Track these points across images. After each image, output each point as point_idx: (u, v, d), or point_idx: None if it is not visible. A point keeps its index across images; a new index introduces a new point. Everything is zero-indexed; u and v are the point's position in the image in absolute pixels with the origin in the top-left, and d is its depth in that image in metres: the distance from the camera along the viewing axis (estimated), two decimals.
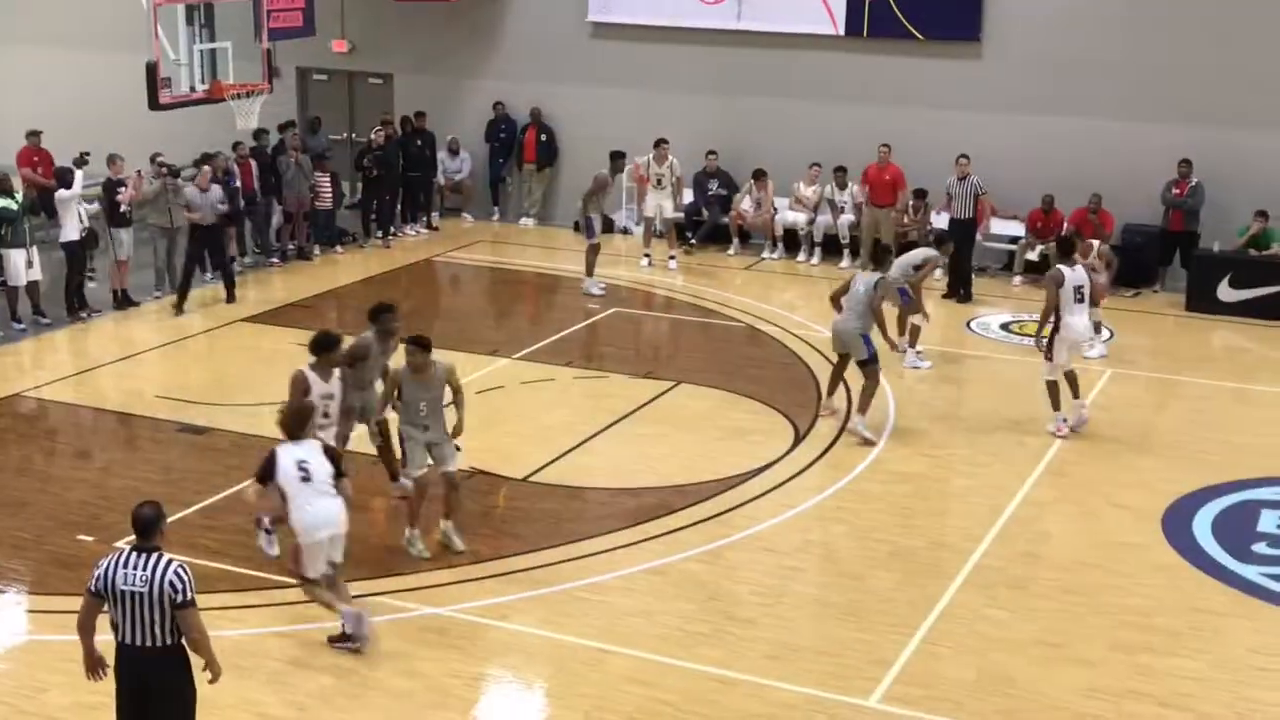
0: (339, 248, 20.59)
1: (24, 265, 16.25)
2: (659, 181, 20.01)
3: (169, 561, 7.25)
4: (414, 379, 10.72)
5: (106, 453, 13.24)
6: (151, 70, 17.08)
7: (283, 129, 20.14)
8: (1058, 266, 13.54)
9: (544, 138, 22.14)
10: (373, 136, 20.88)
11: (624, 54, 21.56)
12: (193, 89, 18.05)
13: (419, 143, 21.57)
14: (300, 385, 10.51)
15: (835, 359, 13.95)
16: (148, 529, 7.33)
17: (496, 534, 11.35)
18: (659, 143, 20.02)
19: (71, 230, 16.76)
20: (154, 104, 17.44)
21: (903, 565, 10.84)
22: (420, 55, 22.66)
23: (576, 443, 13.22)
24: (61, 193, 16.85)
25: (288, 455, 9.25)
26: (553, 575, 10.56)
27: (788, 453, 13.07)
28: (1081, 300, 13.37)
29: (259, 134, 19.24)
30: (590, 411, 14.12)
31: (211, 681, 7.44)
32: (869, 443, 13.17)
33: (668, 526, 11.40)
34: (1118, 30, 19.08)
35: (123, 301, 17.50)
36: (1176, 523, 11.67)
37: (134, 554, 7.27)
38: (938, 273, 17.08)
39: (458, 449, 10.91)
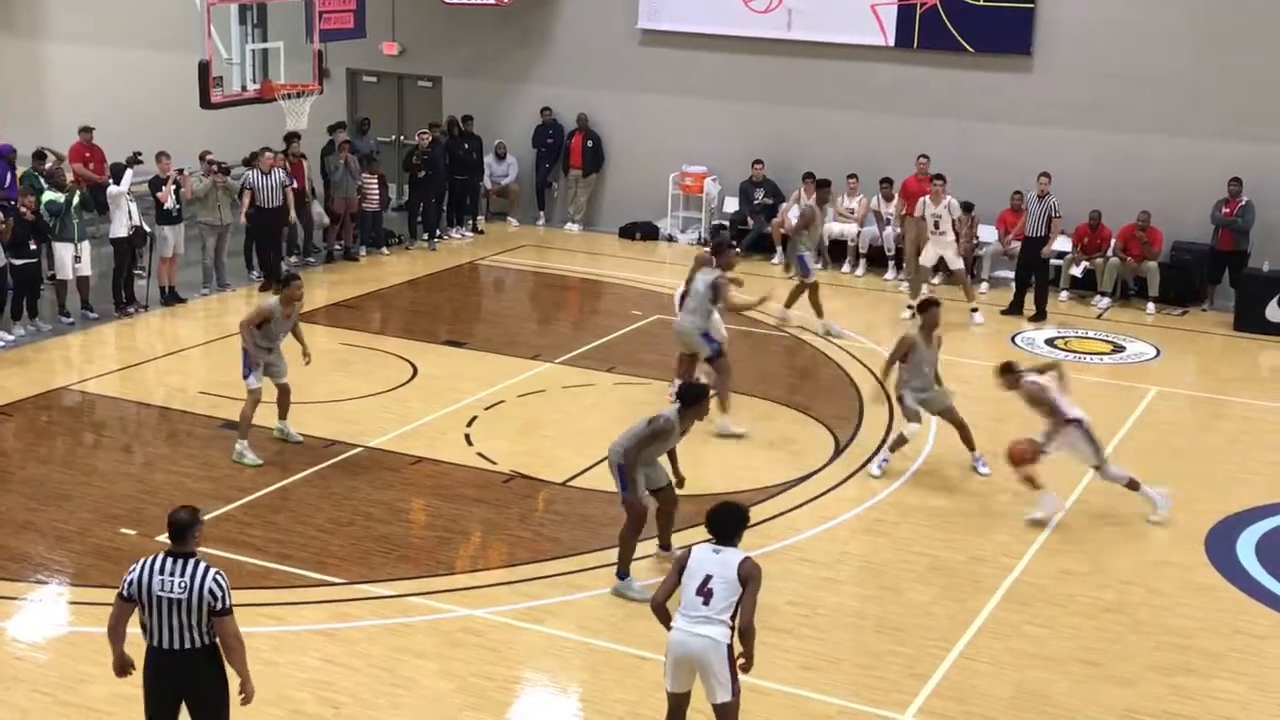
0: (385, 249, 20.70)
1: (71, 259, 16.42)
2: (936, 225, 17.62)
3: (207, 569, 7.23)
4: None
5: (150, 447, 13.35)
6: (204, 69, 17.23)
7: (332, 130, 20.28)
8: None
9: (590, 144, 22.19)
10: (420, 139, 20.99)
11: (672, 61, 21.58)
12: (244, 88, 18.20)
13: (466, 146, 21.67)
14: None
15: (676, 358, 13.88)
16: (184, 534, 7.29)
17: (535, 537, 11.38)
18: (936, 178, 17.98)
19: (120, 226, 16.93)
20: (205, 103, 17.60)
21: (941, 579, 10.79)
22: (469, 59, 22.76)
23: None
24: (111, 189, 17.03)
25: None
26: (590, 580, 10.57)
27: (828, 464, 13.04)
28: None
29: (290, 137, 19.32)
30: (630, 418, 14.05)
31: (245, 703, 7.38)
32: (737, 436, 13.19)
33: (705, 535, 11.35)
34: (1171, 46, 18.93)
35: (170, 298, 17.66)
36: (1219, 543, 11.56)
37: (169, 560, 7.23)
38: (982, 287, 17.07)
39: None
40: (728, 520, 7.84)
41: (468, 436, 13.48)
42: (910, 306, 16.92)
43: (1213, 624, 10.21)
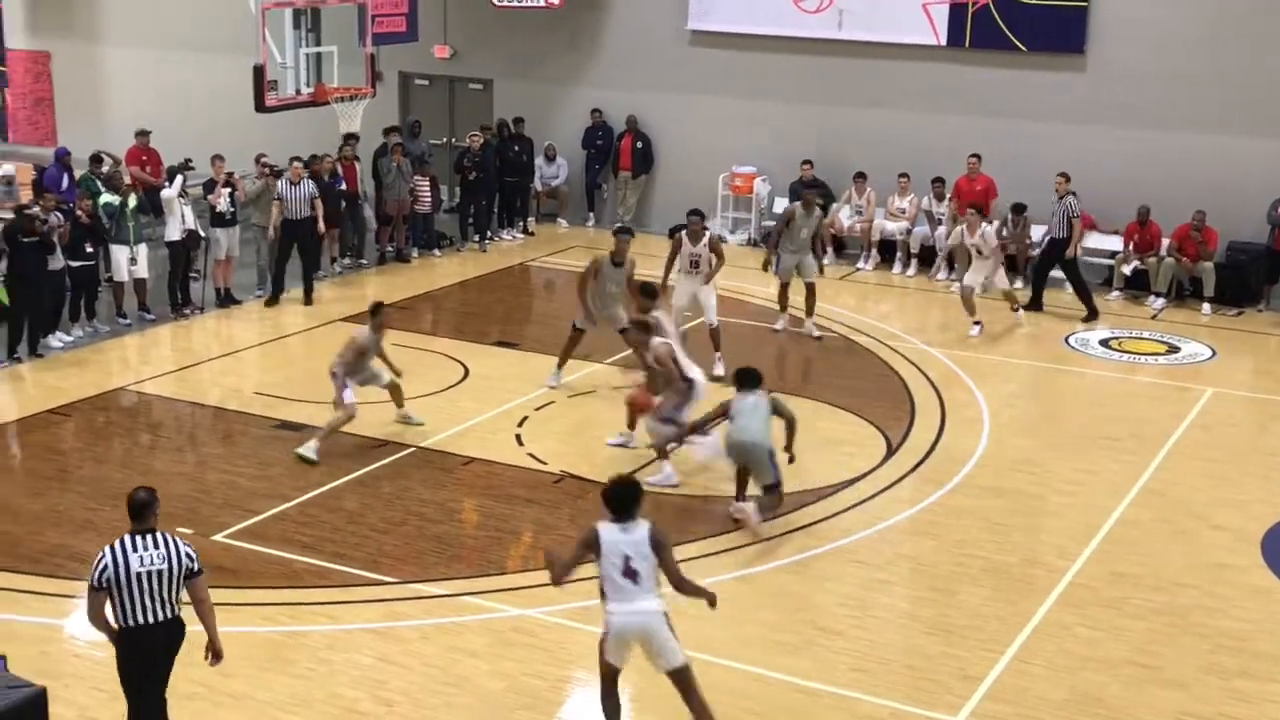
0: (436, 251, 20.82)
1: (128, 262, 16.62)
2: (979, 251, 17.09)
3: (175, 538, 7.73)
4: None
5: (206, 447, 13.50)
6: (258, 73, 17.40)
7: (386, 133, 20.42)
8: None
9: (640, 145, 22.23)
10: (470, 142, 21.09)
11: (722, 62, 21.58)
12: (298, 92, 18.37)
13: (517, 148, 21.76)
14: None
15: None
16: (145, 512, 7.72)
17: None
18: (971, 208, 17.72)
19: (174, 230, 17.11)
20: (260, 106, 17.76)
21: (994, 581, 10.74)
22: (520, 61, 22.86)
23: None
24: (164, 192, 17.22)
25: None
26: None
27: (880, 465, 13.00)
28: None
29: (349, 138, 19.49)
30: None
31: (214, 662, 7.85)
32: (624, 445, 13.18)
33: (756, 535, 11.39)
34: (1226, 45, 18.74)
35: (225, 300, 17.83)
36: (1276, 545, 11.43)
37: (138, 538, 7.64)
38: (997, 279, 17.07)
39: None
40: (627, 496, 8.00)
41: (518, 437, 13.54)
42: (978, 323, 16.91)
43: (1270, 626, 10.11)
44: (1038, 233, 18.99)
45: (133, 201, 16.72)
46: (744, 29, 21.27)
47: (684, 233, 15.51)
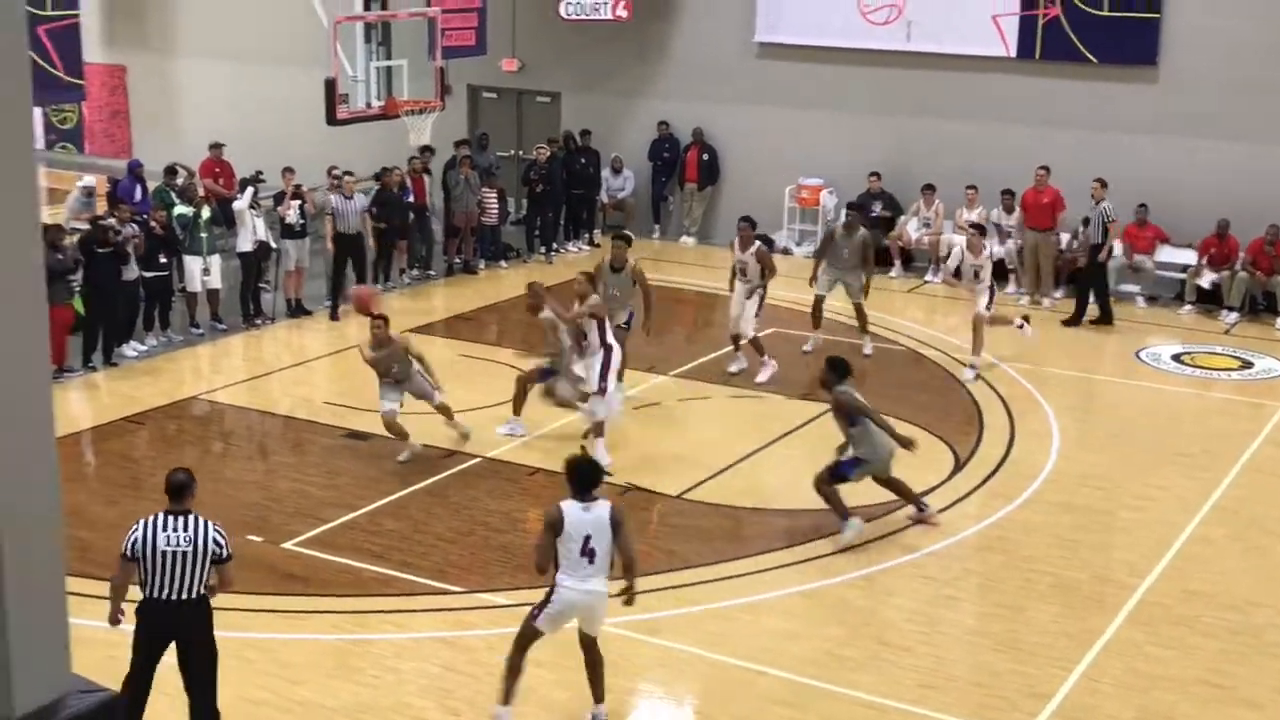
0: (503, 262, 20.93)
1: (200, 272, 16.85)
2: (976, 275, 16.29)
3: (208, 523, 7.96)
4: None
5: (275, 456, 13.65)
6: (330, 86, 17.58)
7: (456, 146, 20.58)
8: None
9: (706, 157, 22.24)
10: (537, 154, 21.21)
11: (789, 74, 21.56)
12: (368, 105, 18.53)
13: (583, 161, 21.84)
14: None
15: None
16: (182, 493, 8.00)
17: (650, 550, 11.40)
18: (974, 227, 16.93)
19: (246, 241, 17.33)
20: (332, 119, 17.93)
21: (1064, 598, 10.63)
22: (587, 74, 22.96)
23: (731, 462, 13.24)
24: (236, 204, 17.45)
25: None
26: (705, 594, 10.59)
27: (947, 479, 12.91)
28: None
29: (426, 150, 19.68)
30: (746, 431, 14.12)
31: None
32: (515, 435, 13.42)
33: (822, 549, 11.35)
34: None
35: (296, 310, 18.03)
36: None
37: (170, 517, 7.91)
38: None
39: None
40: (588, 475, 8.41)
41: (583, 448, 13.55)
42: (1024, 319, 16.60)
43: None
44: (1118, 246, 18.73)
45: (206, 213, 16.95)
46: (811, 41, 21.24)
47: (734, 239, 15.48)
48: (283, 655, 9.61)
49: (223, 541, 7.98)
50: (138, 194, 18.63)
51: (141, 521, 7.95)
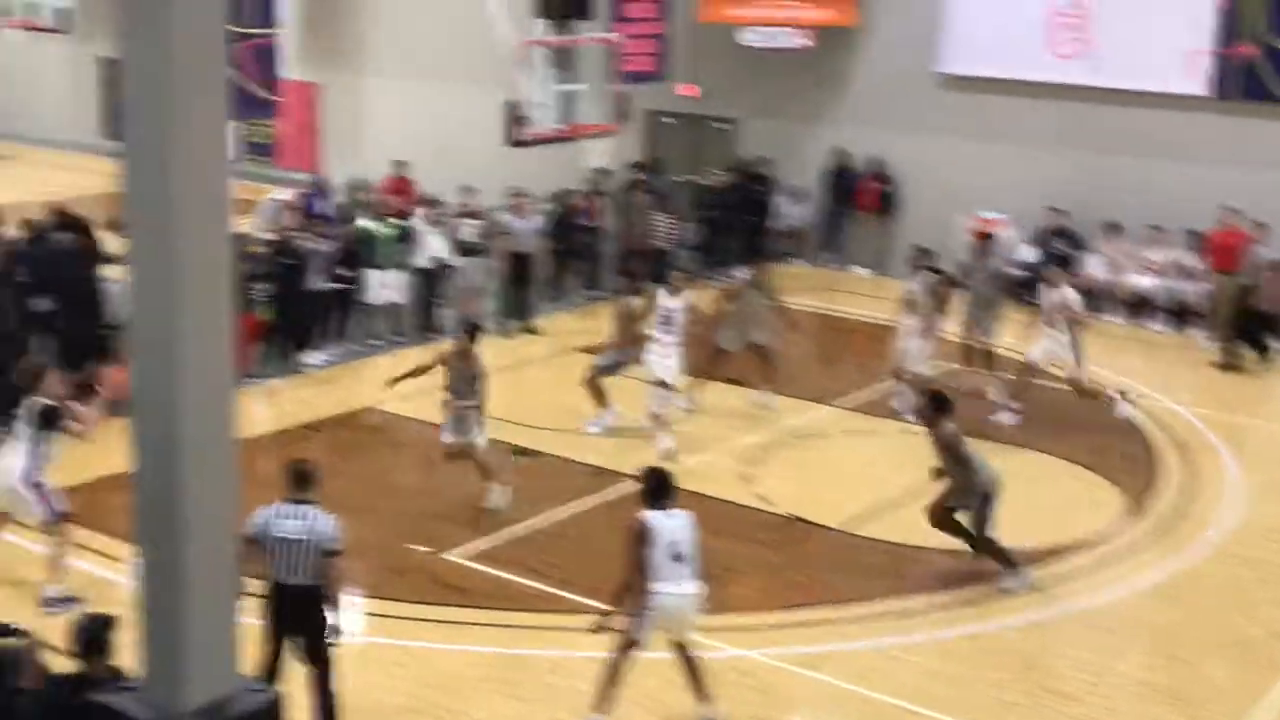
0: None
1: (380, 286, 17.28)
2: (1049, 320, 15.16)
3: (323, 515, 8.28)
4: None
5: (443, 468, 13.86)
6: (511, 108, 17.89)
7: (630, 169, 20.76)
8: None
9: (883, 187, 22.04)
10: (712, 179, 21.26)
11: (971, 105, 21.26)
12: (548, 127, 18.80)
13: (759, 187, 21.83)
14: None
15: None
16: (301, 483, 8.38)
17: (811, 582, 11.32)
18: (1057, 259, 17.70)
19: (424, 257, 17.72)
20: (512, 141, 18.24)
21: (1239, 654, 10.22)
22: (765, 101, 22.95)
23: (897, 497, 13.05)
24: (416, 220, 17.85)
25: None
26: (866, 629, 10.45)
27: (1122, 527, 12.54)
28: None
29: (602, 173, 19.90)
30: (914, 467, 13.85)
31: (332, 639, 8.35)
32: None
33: (987, 592, 11.11)
34: None
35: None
36: None
37: (290, 506, 8.30)
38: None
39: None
40: (666, 484, 8.81)
41: (746, 476, 13.52)
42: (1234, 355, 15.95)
43: None
44: None
45: (387, 228, 17.39)
46: (996, 73, 20.91)
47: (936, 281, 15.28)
48: (438, 664, 9.76)
49: (334, 536, 8.32)
50: (322, 207, 19.18)
51: (264, 508, 8.33)
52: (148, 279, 6.34)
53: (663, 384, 13.98)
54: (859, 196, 22.23)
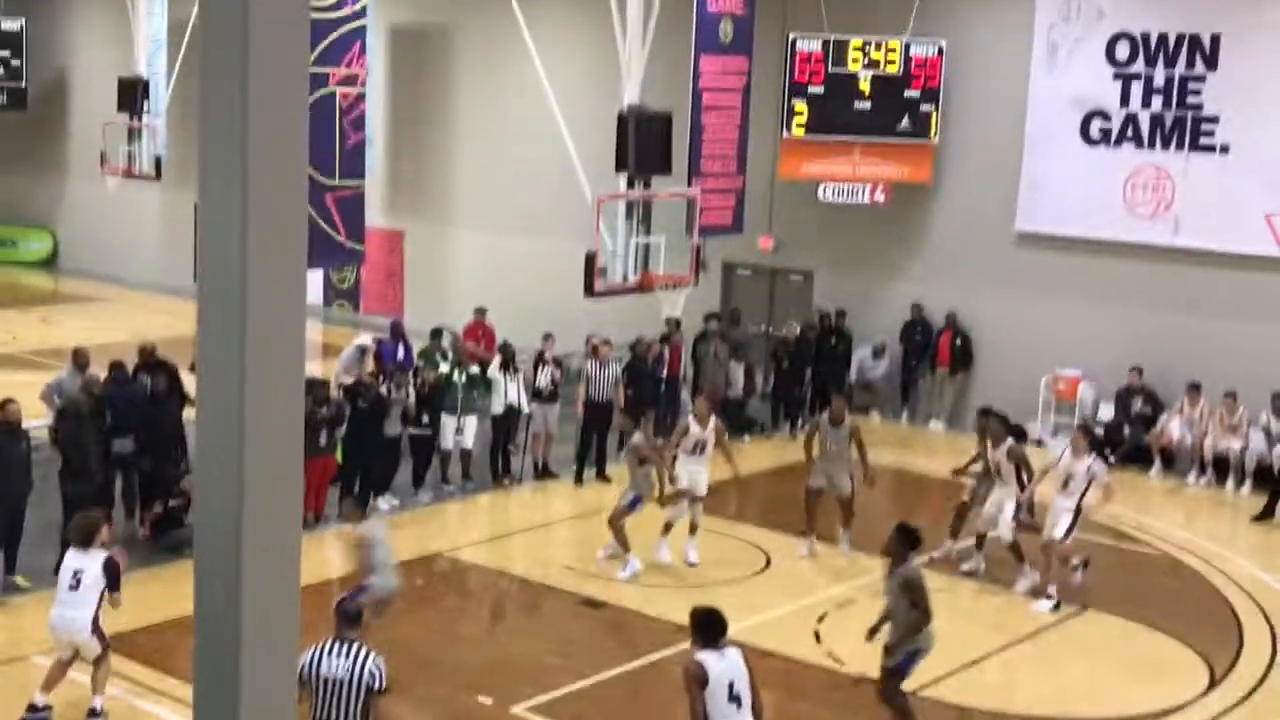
0: (746, 437, 20.95)
1: (454, 431, 17.41)
2: (1065, 484, 14.51)
3: (368, 652, 8.21)
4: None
5: (511, 618, 13.83)
6: (590, 260, 18.14)
7: (706, 319, 20.92)
8: None
9: (959, 342, 22.00)
10: (787, 331, 21.37)
11: (1048, 264, 21.25)
12: (625, 278, 19.04)
13: (834, 341, 21.87)
14: None
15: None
16: (353, 621, 8.35)
17: None
18: (1080, 428, 15.92)
19: (499, 403, 17.87)
20: (589, 291, 18.47)
21: None
22: (841, 254, 23.10)
23: (971, 659, 12.77)
24: (493, 369, 18.04)
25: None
26: None
27: (1203, 695, 12.15)
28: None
29: (674, 322, 20.05)
30: (988, 628, 13.63)
31: None
32: None
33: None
34: None
35: (543, 473, 18.40)
36: None
37: (336, 643, 8.21)
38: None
39: None
40: (719, 622, 8.57)
41: (817, 634, 13.31)
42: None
43: None
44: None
45: (465, 375, 17.58)
46: (1074, 232, 20.92)
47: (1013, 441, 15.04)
48: None
49: (379, 674, 8.23)
50: (400, 353, 19.45)
51: (313, 646, 8.25)
52: (217, 421, 6.42)
53: (692, 496, 14.86)
54: (936, 351, 22.18)
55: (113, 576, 10.68)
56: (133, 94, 26.17)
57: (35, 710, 10.69)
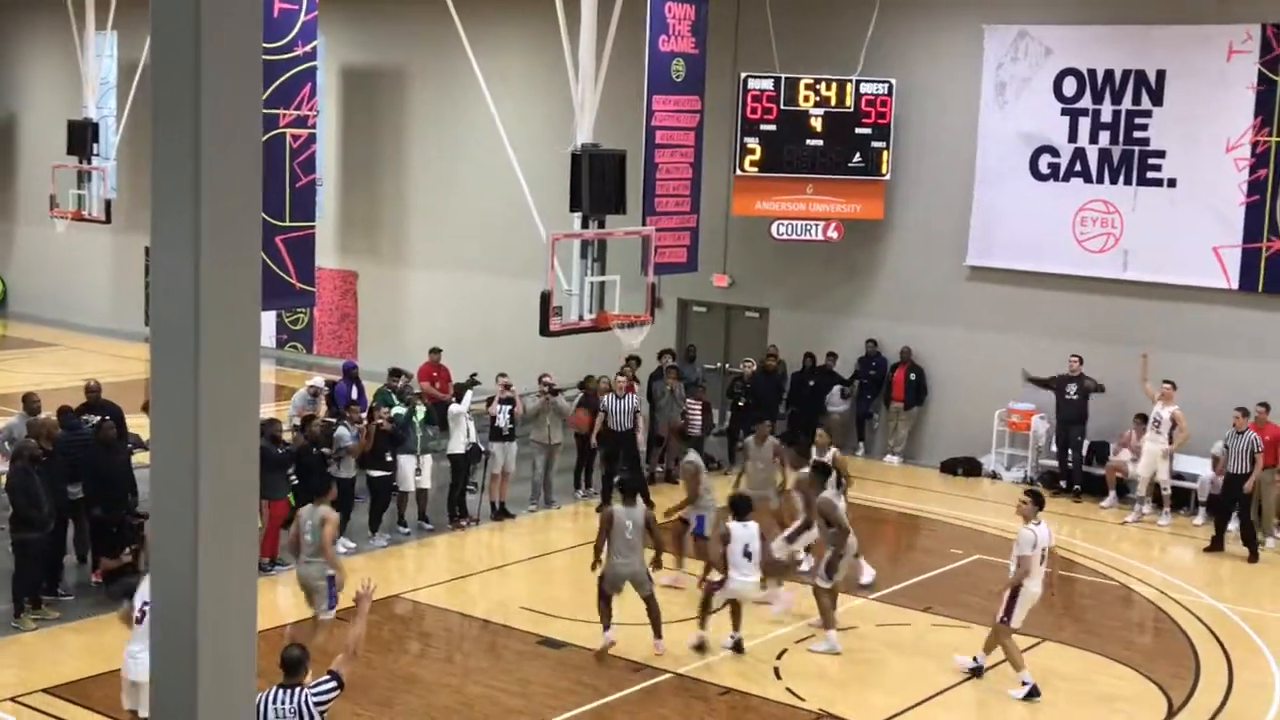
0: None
1: (412, 472, 17.32)
2: (1156, 426, 18.82)
3: (308, 694, 8.47)
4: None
5: (470, 659, 13.72)
6: (545, 299, 18.15)
7: (660, 356, 20.95)
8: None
9: (913, 377, 22.12)
10: (743, 368, 21.43)
11: (1000, 298, 21.44)
12: (581, 317, 19.05)
13: (812, 383, 22.03)
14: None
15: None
16: (295, 668, 8.56)
17: None
18: (1165, 381, 18.80)
19: (458, 443, 17.80)
20: (544, 330, 18.45)
21: None
22: (796, 291, 23.22)
23: (929, 694, 12.78)
24: (452, 408, 17.98)
25: None
26: None
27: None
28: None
29: (631, 360, 20.11)
30: (947, 663, 13.64)
31: None
32: None
33: None
34: None
35: (500, 513, 18.33)
36: None
37: (280, 690, 8.44)
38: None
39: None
40: (746, 502, 13.55)
41: (777, 670, 13.30)
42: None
43: None
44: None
45: (420, 414, 17.51)
46: (1025, 266, 21.11)
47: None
48: None
49: (321, 701, 8.43)
50: (354, 394, 19.35)
51: (260, 695, 8.26)
52: (172, 464, 6.36)
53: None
54: (891, 386, 22.29)
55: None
56: (82, 137, 25.98)
57: None
